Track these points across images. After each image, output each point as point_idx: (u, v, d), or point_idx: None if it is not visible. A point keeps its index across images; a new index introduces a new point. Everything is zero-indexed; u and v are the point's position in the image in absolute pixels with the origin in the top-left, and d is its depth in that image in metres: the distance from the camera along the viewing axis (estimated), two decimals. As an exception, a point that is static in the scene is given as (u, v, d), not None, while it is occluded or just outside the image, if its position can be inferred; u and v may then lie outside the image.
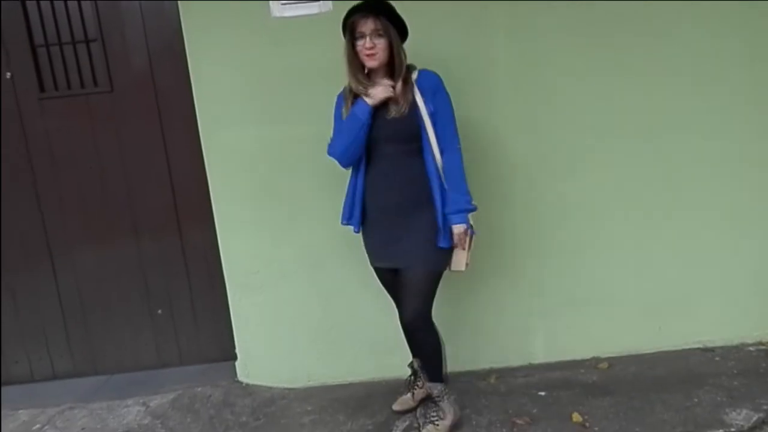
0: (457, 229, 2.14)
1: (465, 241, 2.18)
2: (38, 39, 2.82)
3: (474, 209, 2.17)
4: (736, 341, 2.75)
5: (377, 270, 2.32)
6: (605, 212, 2.69)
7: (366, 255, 2.32)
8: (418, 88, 2.14)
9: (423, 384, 2.42)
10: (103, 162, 2.91)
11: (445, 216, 2.14)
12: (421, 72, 2.18)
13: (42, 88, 2.85)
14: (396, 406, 2.49)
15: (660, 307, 2.75)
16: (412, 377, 2.48)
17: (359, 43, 2.11)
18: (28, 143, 2.90)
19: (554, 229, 2.71)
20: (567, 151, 2.64)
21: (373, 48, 2.09)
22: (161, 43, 2.79)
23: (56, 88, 2.86)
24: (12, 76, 2.83)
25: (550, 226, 2.71)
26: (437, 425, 2.27)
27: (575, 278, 2.74)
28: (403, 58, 2.15)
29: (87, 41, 2.82)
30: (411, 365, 2.44)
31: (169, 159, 2.89)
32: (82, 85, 2.85)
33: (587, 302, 2.76)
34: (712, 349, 2.71)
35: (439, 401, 2.30)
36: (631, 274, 2.74)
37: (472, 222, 2.19)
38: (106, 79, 2.84)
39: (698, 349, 2.73)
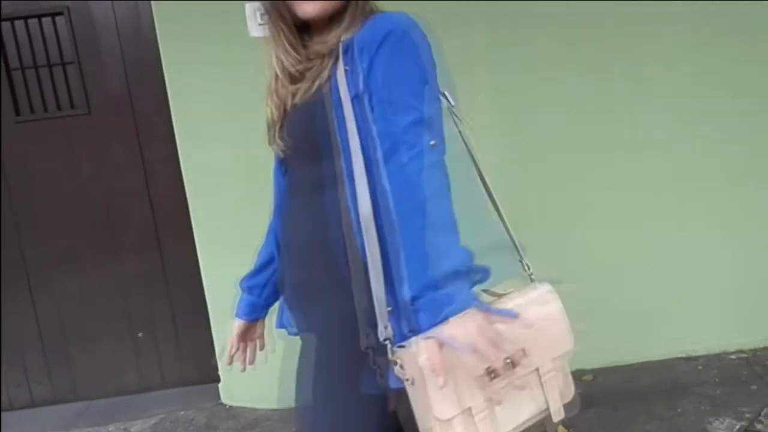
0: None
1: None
2: (13, 62, 2.79)
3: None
4: (717, 349, 2.77)
5: None
6: (586, 223, 2.70)
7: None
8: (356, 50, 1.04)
9: None
10: (82, 184, 2.88)
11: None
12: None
13: (18, 112, 2.82)
14: None
15: (643, 317, 2.76)
16: None
17: None
18: (3, 167, 2.86)
19: (534, 240, 2.69)
20: (547, 161, 2.65)
21: None
22: (138, 64, 2.78)
23: (32, 111, 2.83)
24: (-13, 99, 2.81)
25: (530, 237, 2.70)
26: None
27: (556, 290, 2.74)
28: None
29: (63, 63, 2.80)
30: None
31: (147, 180, 2.87)
32: (59, 108, 2.83)
33: (570, 313, 2.75)
34: (695, 358, 2.73)
35: None
36: (613, 285, 2.74)
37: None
38: (84, 101, 2.81)
39: (682, 358, 2.75)
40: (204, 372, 2.97)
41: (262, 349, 1.46)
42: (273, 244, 1.36)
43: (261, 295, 1.39)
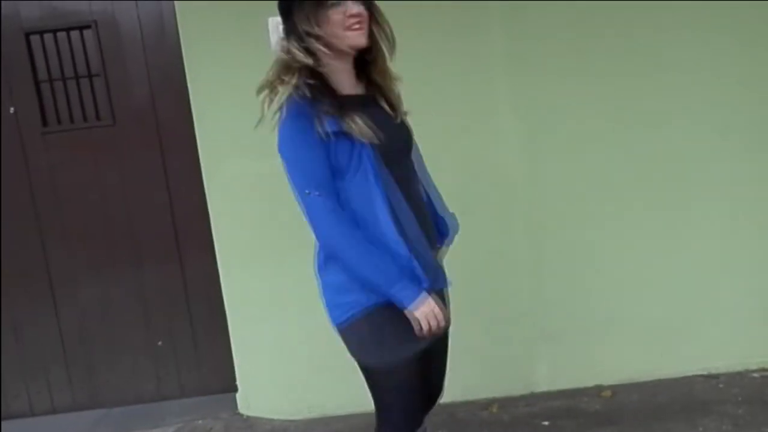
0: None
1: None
2: (42, 74, 2.86)
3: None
4: (739, 367, 2.73)
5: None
6: (607, 238, 2.68)
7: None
8: None
9: None
10: (106, 194, 2.93)
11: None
12: None
13: (45, 123, 2.88)
14: None
15: (663, 332, 2.74)
16: None
17: (337, 10, 1.42)
18: (30, 177, 2.92)
19: (555, 255, 2.70)
20: (568, 171, 2.64)
21: (360, 17, 1.43)
22: (163, 76, 2.83)
23: (59, 122, 2.89)
24: (15, 110, 2.87)
25: (551, 251, 2.70)
26: None
27: (577, 305, 2.73)
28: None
29: (90, 75, 2.86)
30: None
31: (170, 190, 2.91)
32: (85, 119, 2.88)
33: (590, 329, 2.74)
34: (716, 376, 2.70)
35: None
36: (633, 300, 2.73)
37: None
38: (109, 113, 2.87)
39: (702, 375, 2.71)
40: (222, 381, 2.99)
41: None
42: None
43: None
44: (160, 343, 3.02)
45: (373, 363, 1.52)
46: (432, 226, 1.63)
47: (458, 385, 2.74)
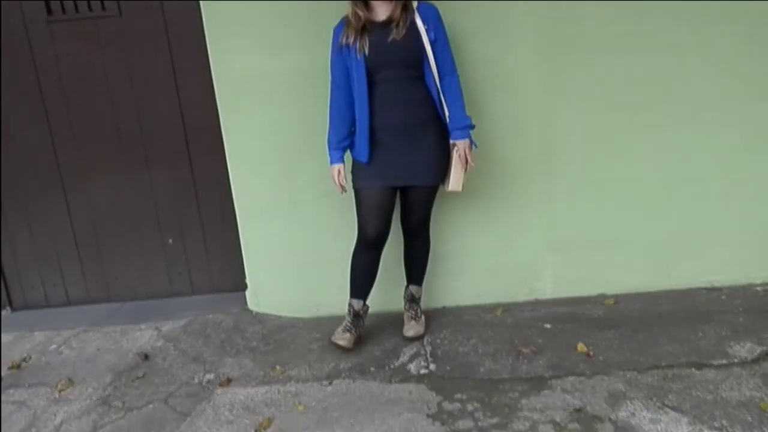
0: (463, 144, 2.33)
1: (470, 157, 2.35)
2: (45, -39, 2.75)
3: (474, 126, 2.36)
4: (743, 281, 2.76)
5: (374, 192, 2.35)
6: (618, 153, 2.66)
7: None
8: (420, 16, 2.26)
9: (421, 313, 2.61)
10: (113, 89, 2.88)
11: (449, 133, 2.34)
12: (421, 3, 2.29)
13: (49, 11, 2.79)
14: (409, 333, 2.53)
15: (669, 247, 2.76)
16: (414, 303, 2.59)
17: None
18: (37, 69, 2.86)
19: (567, 167, 2.69)
20: (585, 92, 2.60)
21: None
22: (170, -33, 2.71)
23: (64, 11, 2.80)
24: (20, -5, 2.77)
25: (563, 164, 2.68)
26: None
27: (586, 216, 2.73)
28: None
29: (95, -37, 2.74)
30: (409, 294, 2.59)
31: (178, 87, 2.85)
32: (90, 9, 2.79)
33: (596, 240, 2.76)
34: (719, 289, 2.73)
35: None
36: (640, 214, 2.73)
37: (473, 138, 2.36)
38: (115, 4, 2.77)
39: (705, 288, 2.75)
40: (232, 280, 3.05)
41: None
42: (349, 121, 2.37)
43: (345, 149, 2.42)
44: (170, 241, 3.06)
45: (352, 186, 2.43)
46: (427, 124, 2.32)
47: (465, 289, 2.81)
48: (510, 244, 2.78)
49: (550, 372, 2.22)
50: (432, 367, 2.33)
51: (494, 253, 2.79)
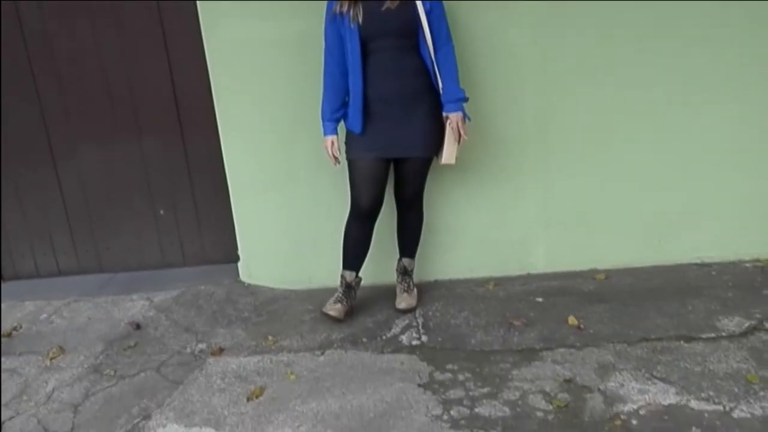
0: (456, 117, 2.32)
1: (462, 130, 2.34)
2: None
3: (468, 99, 2.35)
4: (733, 258, 2.78)
5: (367, 163, 2.34)
6: (612, 129, 2.66)
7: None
8: None
9: (413, 286, 2.61)
10: (103, 59, 2.83)
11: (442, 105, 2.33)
12: None
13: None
14: (401, 305, 2.54)
15: (660, 223, 2.77)
16: (406, 276, 2.60)
17: None
18: (26, 39, 2.80)
19: (560, 143, 2.68)
20: (580, 67, 2.58)
21: None
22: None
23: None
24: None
25: (558, 139, 2.68)
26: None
27: (578, 192, 2.73)
28: None
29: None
30: (402, 266, 2.60)
31: (169, 57, 2.81)
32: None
33: (589, 216, 2.77)
34: (709, 265, 2.75)
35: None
36: (633, 190, 2.73)
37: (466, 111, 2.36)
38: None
39: (695, 264, 2.77)
40: (224, 252, 3.04)
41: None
42: (343, 92, 2.35)
43: (339, 120, 2.39)
44: (162, 212, 3.04)
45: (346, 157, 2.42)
46: (421, 95, 2.32)
47: (458, 263, 2.82)
48: (503, 218, 2.78)
49: (541, 344, 2.24)
50: (424, 338, 2.34)
51: (487, 227, 2.79)
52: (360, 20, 2.21)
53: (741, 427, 1.74)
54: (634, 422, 1.79)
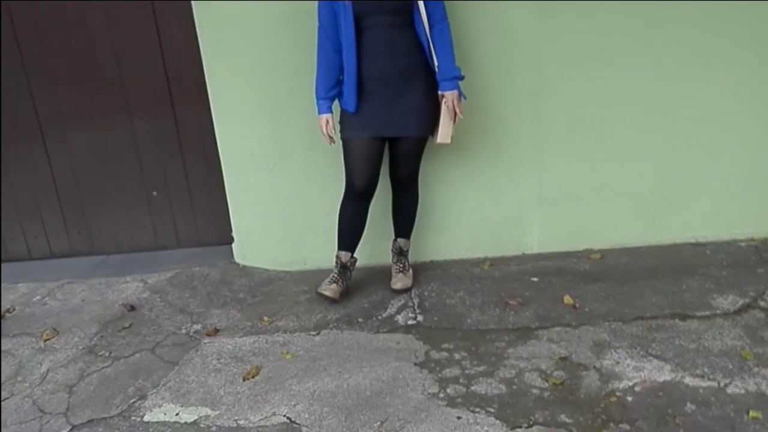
0: (451, 95, 2.29)
1: (458, 108, 2.31)
2: None
3: (463, 77, 2.32)
4: (727, 237, 2.78)
5: (362, 142, 2.32)
6: (606, 109, 2.64)
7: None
8: None
9: (408, 266, 2.60)
10: (90, 33, 2.77)
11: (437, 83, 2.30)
12: None
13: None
14: (396, 285, 2.53)
15: (655, 202, 2.76)
16: (401, 257, 2.59)
17: None
18: (11, 12, 2.74)
19: (555, 122, 2.66)
20: (575, 43, 2.55)
21: None
22: None
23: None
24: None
25: (551, 119, 2.66)
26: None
27: (573, 171, 2.72)
28: None
29: None
30: (397, 247, 2.58)
31: (159, 32, 2.75)
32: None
33: (584, 195, 2.76)
34: (703, 244, 2.76)
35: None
36: (627, 170, 2.73)
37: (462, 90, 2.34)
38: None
39: (690, 243, 2.77)
40: (218, 234, 3.02)
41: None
42: (337, 70, 2.31)
43: (333, 99, 2.37)
44: (155, 193, 3.01)
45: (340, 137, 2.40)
46: (416, 73, 2.29)
47: (453, 243, 2.81)
48: (498, 198, 2.77)
49: (537, 323, 2.24)
50: (420, 318, 2.34)
51: (482, 207, 2.78)
52: None
53: (735, 402, 1.75)
54: (630, 399, 1.80)
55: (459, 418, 1.78)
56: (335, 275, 2.48)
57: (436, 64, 2.28)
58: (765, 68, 2.59)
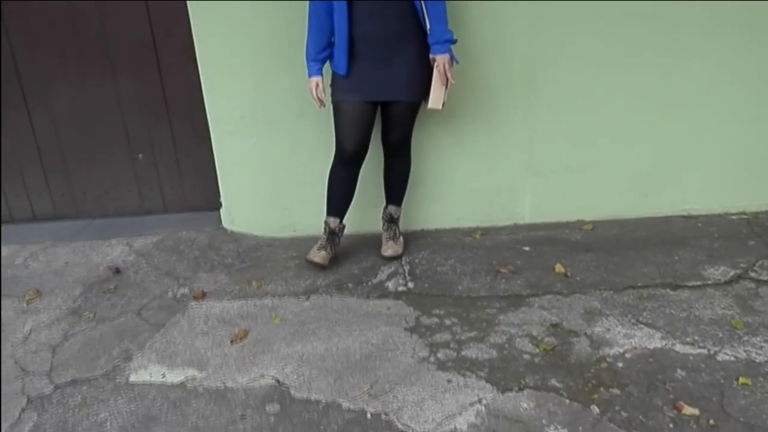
0: (442, 59, 2.24)
1: (449, 73, 2.25)
2: None
3: (456, 41, 2.26)
4: (718, 210, 2.78)
5: (352, 106, 2.28)
6: (600, 79, 2.60)
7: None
8: None
9: (399, 234, 2.58)
10: (75, -10, 2.68)
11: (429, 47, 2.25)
12: None
13: None
14: (387, 252, 2.50)
15: (647, 175, 2.75)
16: (392, 224, 2.56)
17: None
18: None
19: (548, 93, 2.62)
20: (568, 18, 2.50)
21: None
22: None
23: None
24: None
25: (544, 89, 2.61)
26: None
27: (566, 142, 2.69)
28: None
29: None
30: (388, 214, 2.55)
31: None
32: None
33: (576, 166, 2.73)
34: (695, 217, 2.75)
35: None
36: (621, 141, 2.70)
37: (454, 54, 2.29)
38: None
39: (682, 216, 2.76)
40: (205, 200, 2.97)
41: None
42: (329, 31, 2.25)
43: (324, 61, 2.31)
44: (140, 156, 2.93)
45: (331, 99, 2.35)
46: (409, 36, 2.23)
47: (444, 212, 2.78)
48: (490, 167, 2.73)
49: (528, 290, 2.23)
50: (410, 284, 2.32)
51: (474, 176, 2.74)
52: None
53: (725, 369, 1.75)
54: (620, 365, 1.80)
55: (449, 381, 1.77)
56: (323, 242, 2.44)
57: (428, 27, 2.22)
58: (757, 43, 2.55)
